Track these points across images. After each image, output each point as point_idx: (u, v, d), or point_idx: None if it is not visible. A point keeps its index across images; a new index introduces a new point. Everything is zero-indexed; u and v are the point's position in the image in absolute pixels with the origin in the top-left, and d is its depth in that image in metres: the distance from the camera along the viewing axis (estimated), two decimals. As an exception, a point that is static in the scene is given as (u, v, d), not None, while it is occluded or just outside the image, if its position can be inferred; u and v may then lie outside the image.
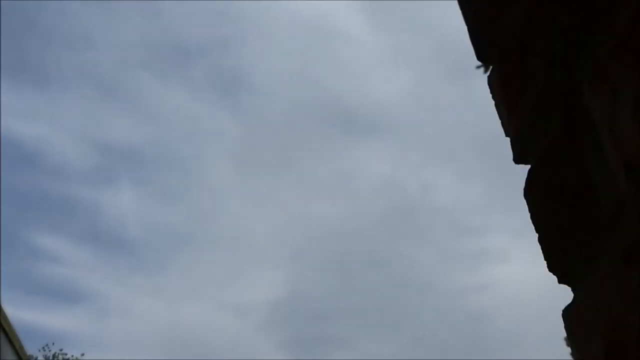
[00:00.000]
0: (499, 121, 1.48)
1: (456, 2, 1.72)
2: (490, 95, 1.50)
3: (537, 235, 1.27)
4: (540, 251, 1.28)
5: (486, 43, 1.51)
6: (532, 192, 1.31)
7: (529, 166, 1.38)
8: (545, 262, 1.24)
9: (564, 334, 1.49)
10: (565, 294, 1.25)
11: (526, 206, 1.36)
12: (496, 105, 1.49)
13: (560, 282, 1.22)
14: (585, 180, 1.18)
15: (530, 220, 1.34)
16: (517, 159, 1.39)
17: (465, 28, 1.59)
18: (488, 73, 1.51)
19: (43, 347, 38.41)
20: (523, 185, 1.40)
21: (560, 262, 1.19)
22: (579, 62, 1.20)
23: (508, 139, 1.50)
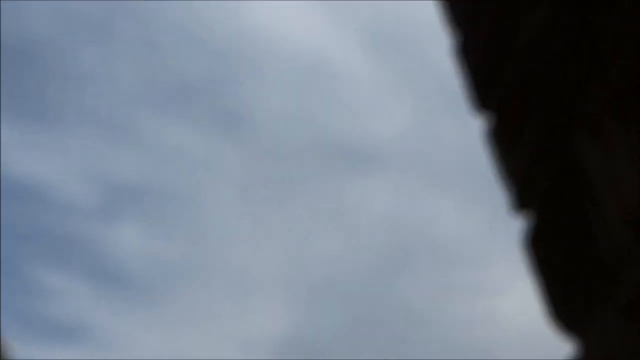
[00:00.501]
0: (496, 169, 1.50)
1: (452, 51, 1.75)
2: (488, 144, 1.53)
3: (537, 284, 1.28)
4: (542, 299, 1.29)
5: (483, 95, 1.53)
6: (530, 246, 1.32)
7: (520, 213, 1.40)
8: (546, 311, 1.25)
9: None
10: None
11: (526, 254, 1.38)
12: (492, 154, 1.51)
13: (562, 332, 1.23)
14: (584, 228, 1.20)
15: (530, 268, 1.35)
16: (515, 207, 1.41)
17: (462, 79, 1.62)
18: (484, 123, 1.53)
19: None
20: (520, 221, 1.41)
21: (562, 313, 1.20)
22: (573, 114, 1.23)
23: (505, 185, 1.52)
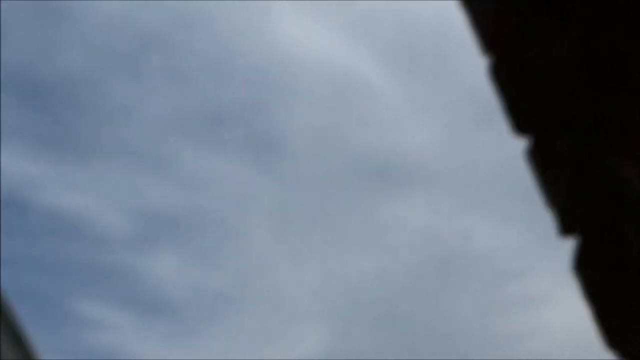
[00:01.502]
0: (540, 192, 1.49)
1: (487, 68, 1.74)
2: (528, 165, 1.51)
3: (591, 310, 1.26)
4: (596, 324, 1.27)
5: (521, 118, 1.52)
6: (579, 268, 1.30)
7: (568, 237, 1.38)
8: (602, 337, 1.23)
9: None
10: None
11: (575, 278, 1.36)
12: (535, 177, 1.49)
13: (615, 356, 1.21)
14: (629, 253, 1.18)
15: (580, 291, 1.33)
16: (560, 232, 1.39)
17: (498, 99, 1.61)
18: (525, 146, 1.52)
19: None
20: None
21: (618, 339, 1.18)
22: (620, 139, 1.21)
23: (547, 206, 1.50)
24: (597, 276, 1.26)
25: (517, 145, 1.58)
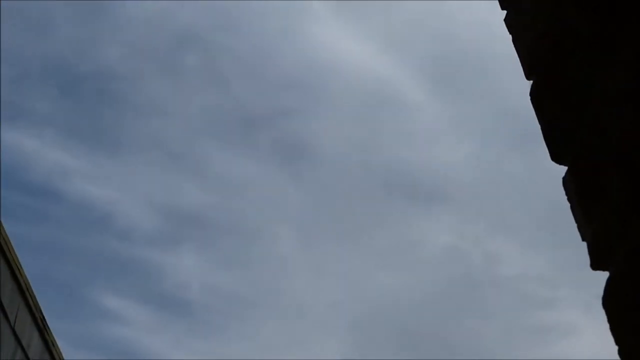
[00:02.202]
0: (575, 223, 1.45)
1: (526, 84, 1.71)
2: (566, 196, 1.47)
3: (618, 348, 1.22)
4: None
5: (561, 145, 1.49)
6: (611, 303, 1.26)
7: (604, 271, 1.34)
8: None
9: None
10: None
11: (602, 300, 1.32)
12: (572, 208, 1.46)
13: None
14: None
15: (610, 324, 1.29)
16: (595, 265, 1.35)
17: (540, 126, 1.58)
18: (564, 174, 1.48)
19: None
20: (590, 260, 1.35)
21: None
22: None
23: (583, 237, 1.46)
24: (628, 314, 1.21)
25: (554, 171, 1.54)
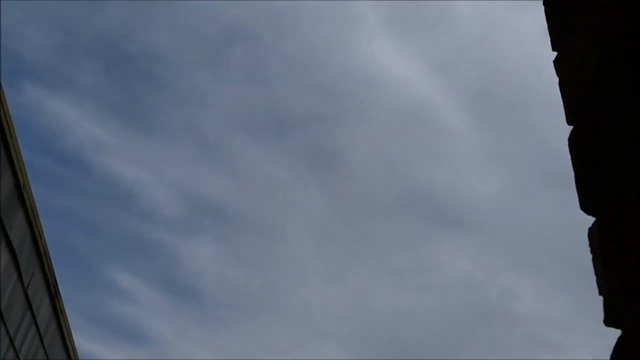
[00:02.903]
0: (595, 276, 1.44)
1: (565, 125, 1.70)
2: (589, 248, 1.46)
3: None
4: None
5: (592, 196, 1.48)
6: (622, 356, 1.25)
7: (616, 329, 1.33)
8: None
9: None
10: None
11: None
12: (593, 260, 1.45)
13: None
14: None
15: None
16: (608, 322, 1.34)
17: (573, 173, 1.57)
18: (590, 225, 1.47)
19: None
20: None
21: None
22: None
23: (601, 289, 1.44)
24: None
25: (582, 218, 1.53)
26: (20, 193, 7.69)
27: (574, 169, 1.58)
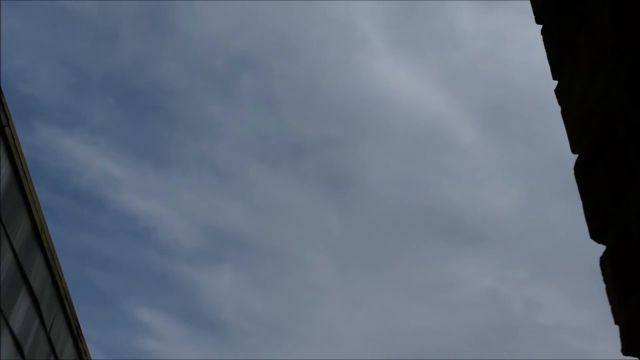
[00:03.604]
0: (610, 305, 1.44)
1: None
2: (602, 277, 1.46)
3: None
4: None
5: (601, 225, 1.48)
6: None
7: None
8: None
9: None
10: None
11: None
12: (607, 290, 1.44)
13: None
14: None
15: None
16: (625, 351, 1.34)
17: (582, 202, 1.57)
18: (602, 254, 1.47)
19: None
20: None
21: None
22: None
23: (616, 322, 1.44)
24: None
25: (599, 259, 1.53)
26: (38, 236, 7.75)
27: (582, 198, 1.59)
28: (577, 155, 1.63)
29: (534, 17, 1.90)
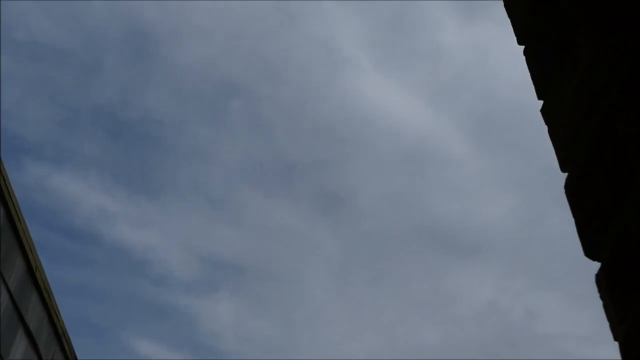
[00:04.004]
0: (608, 321, 1.45)
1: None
2: (598, 294, 1.48)
3: None
4: None
5: (595, 242, 1.49)
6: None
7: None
8: None
9: None
10: None
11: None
12: (604, 306, 1.46)
13: None
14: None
15: None
16: (624, 366, 1.35)
17: (574, 220, 1.59)
18: (597, 271, 1.49)
19: None
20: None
21: None
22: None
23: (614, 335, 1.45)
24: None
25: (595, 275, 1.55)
26: (33, 275, 7.71)
27: (574, 216, 1.60)
28: (566, 174, 1.65)
29: (515, 38, 1.92)
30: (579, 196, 1.58)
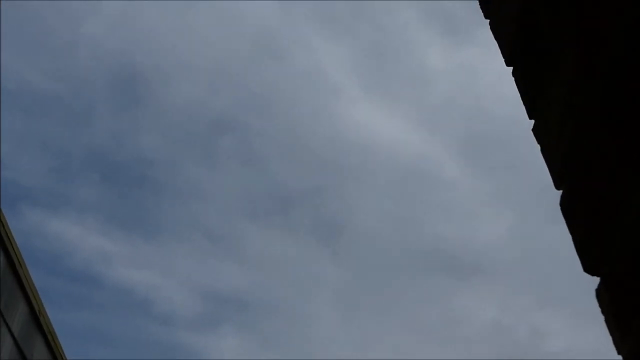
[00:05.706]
0: (610, 336, 1.45)
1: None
2: (600, 309, 1.48)
3: None
4: None
5: (594, 258, 1.50)
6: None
7: None
8: None
9: None
10: None
11: None
12: (606, 321, 1.46)
13: None
14: None
15: None
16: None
17: (571, 237, 1.60)
18: (597, 286, 1.50)
19: None
20: None
21: None
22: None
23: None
24: None
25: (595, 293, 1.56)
26: (37, 320, 7.68)
27: (571, 233, 1.62)
28: (561, 192, 1.67)
29: (503, 59, 1.95)
30: (574, 213, 1.60)
